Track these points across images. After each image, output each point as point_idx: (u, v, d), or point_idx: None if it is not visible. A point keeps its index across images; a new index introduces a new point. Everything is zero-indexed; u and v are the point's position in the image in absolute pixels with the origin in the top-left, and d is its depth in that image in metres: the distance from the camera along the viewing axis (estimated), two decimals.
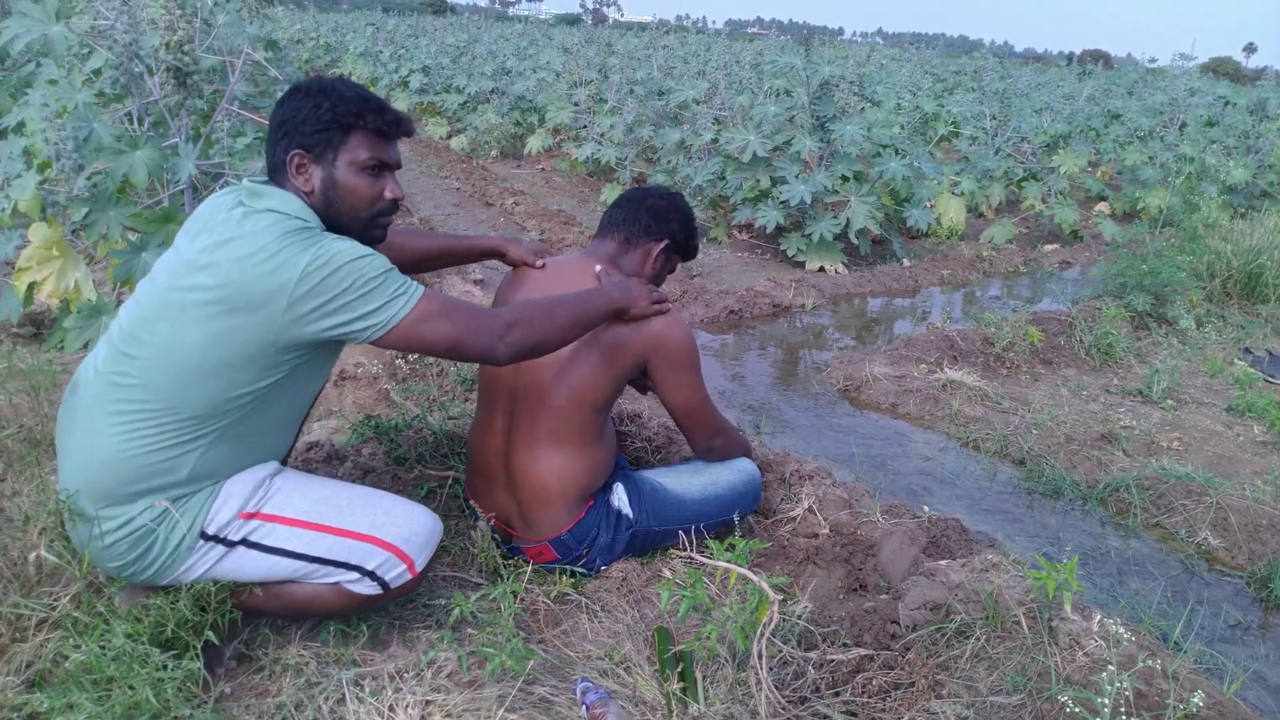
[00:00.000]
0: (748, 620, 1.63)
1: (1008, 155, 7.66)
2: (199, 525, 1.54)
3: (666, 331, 1.93)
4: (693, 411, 2.05)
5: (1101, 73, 16.70)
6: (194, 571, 1.57)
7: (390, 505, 1.66)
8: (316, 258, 1.44)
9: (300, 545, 1.58)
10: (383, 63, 14.32)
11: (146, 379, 1.48)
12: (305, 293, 1.43)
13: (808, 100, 5.56)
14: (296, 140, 1.55)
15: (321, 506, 1.61)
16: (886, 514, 2.35)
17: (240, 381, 1.49)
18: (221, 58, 3.18)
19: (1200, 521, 2.66)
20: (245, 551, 1.57)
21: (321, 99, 1.55)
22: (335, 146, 1.56)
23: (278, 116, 1.57)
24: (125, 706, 1.41)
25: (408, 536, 1.62)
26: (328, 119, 1.55)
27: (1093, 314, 4.47)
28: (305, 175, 1.57)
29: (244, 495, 1.57)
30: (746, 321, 4.64)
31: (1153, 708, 1.58)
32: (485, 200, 7.25)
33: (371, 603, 1.65)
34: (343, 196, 1.58)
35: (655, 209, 2.09)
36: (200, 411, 1.49)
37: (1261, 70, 27.25)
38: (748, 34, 39.44)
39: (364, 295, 1.47)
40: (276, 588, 1.63)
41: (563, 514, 1.96)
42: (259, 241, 1.45)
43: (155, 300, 1.50)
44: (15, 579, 1.64)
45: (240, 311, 1.44)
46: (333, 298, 1.45)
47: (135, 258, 2.81)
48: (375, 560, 1.60)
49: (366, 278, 1.47)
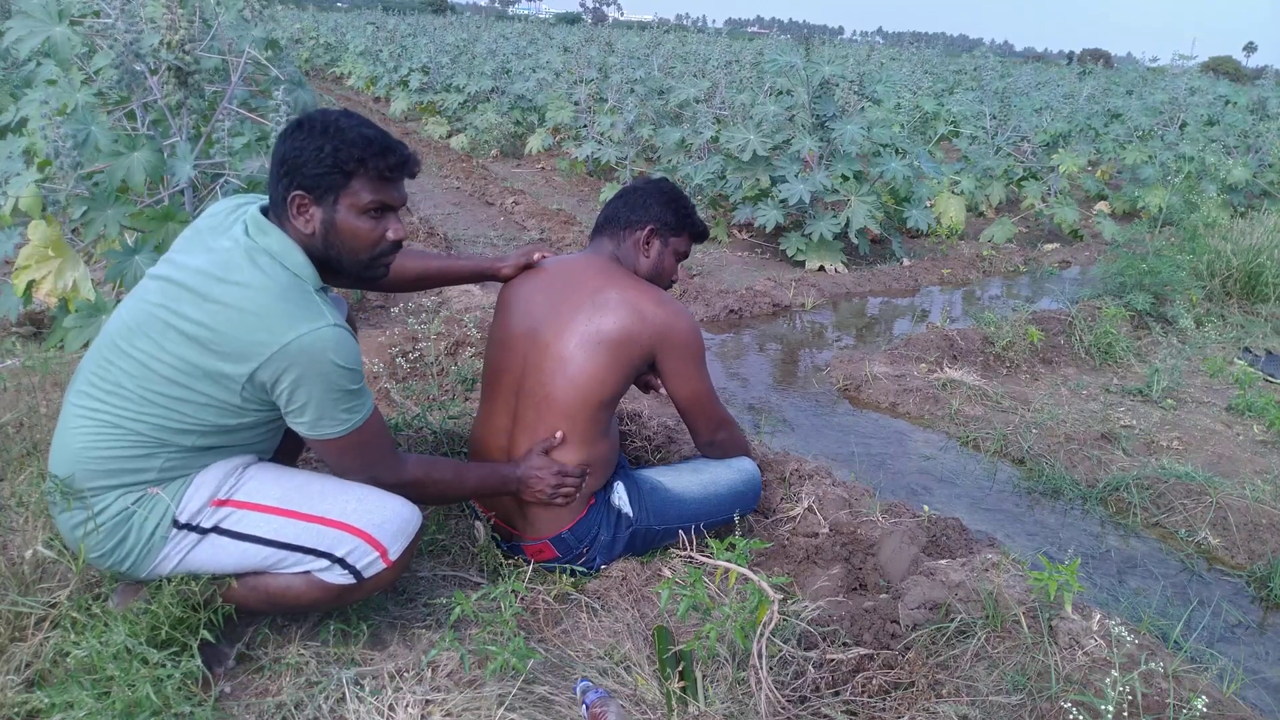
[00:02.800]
0: (747, 620, 1.63)
1: (1008, 154, 7.66)
2: (171, 513, 1.54)
3: (674, 322, 1.95)
4: (698, 402, 2.06)
5: (1101, 72, 16.70)
6: (169, 562, 1.57)
7: (364, 493, 1.62)
8: (303, 337, 1.45)
9: (269, 531, 1.56)
10: (382, 62, 14.30)
11: (120, 387, 1.50)
12: (279, 367, 1.46)
13: (808, 99, 5.56)
14: (298, 181, 1.52)
15: (293, 494, 1.60)
16: (886, 513, 2.35)
17: (207, 412, 1.52)
18: (222, 57, 3.18)
19: (1200, 521, 2.66)
20: (217, 539, 1.57)
21: (324, 140, 1.51)
22: (336, 190, 1.53)
23: (280, 152, 1.54)
24: (125, 704, 1.41)
25: (380, 523, 1.59)
26: (329, 163, 1.51)
27: (1092, 313, 4.46)
28: (306, 216, 1.55)
29: (216, 482, 1.57)
30: (746, 321, 4.64)
31: (1153, 708, 1.58)
32: (485, 199, 7.25)
33: (347, 595, 1.61)
34: (343, 239, 1.56)
35: (632, 199, 2.09)
36: (167, 426, 1.51)
37: (1261, 69, 27.24)
38: (748, 33, 39.44)
39: (321, 402, 1.50)
40: (251, 579, 1.61)
41: (564, 511, 1.96)
42: (253, 299, 1.46)
43: (143, 314, 1.51)
44: (14, 577, 1.64)
45: (215, 355, 1.46)
46: (297, 381, 1.47)
47: (128, 260, 2.82)
48: (345, 547, 1.56)
49: (337, 388, 1.49)
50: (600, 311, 1.91)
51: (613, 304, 1.91)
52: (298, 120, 1.57)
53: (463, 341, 3.39)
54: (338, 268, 1.60)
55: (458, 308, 3.88)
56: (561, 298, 1.96)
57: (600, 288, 1.94)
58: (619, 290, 1.94)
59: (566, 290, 1.97)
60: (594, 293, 1.93)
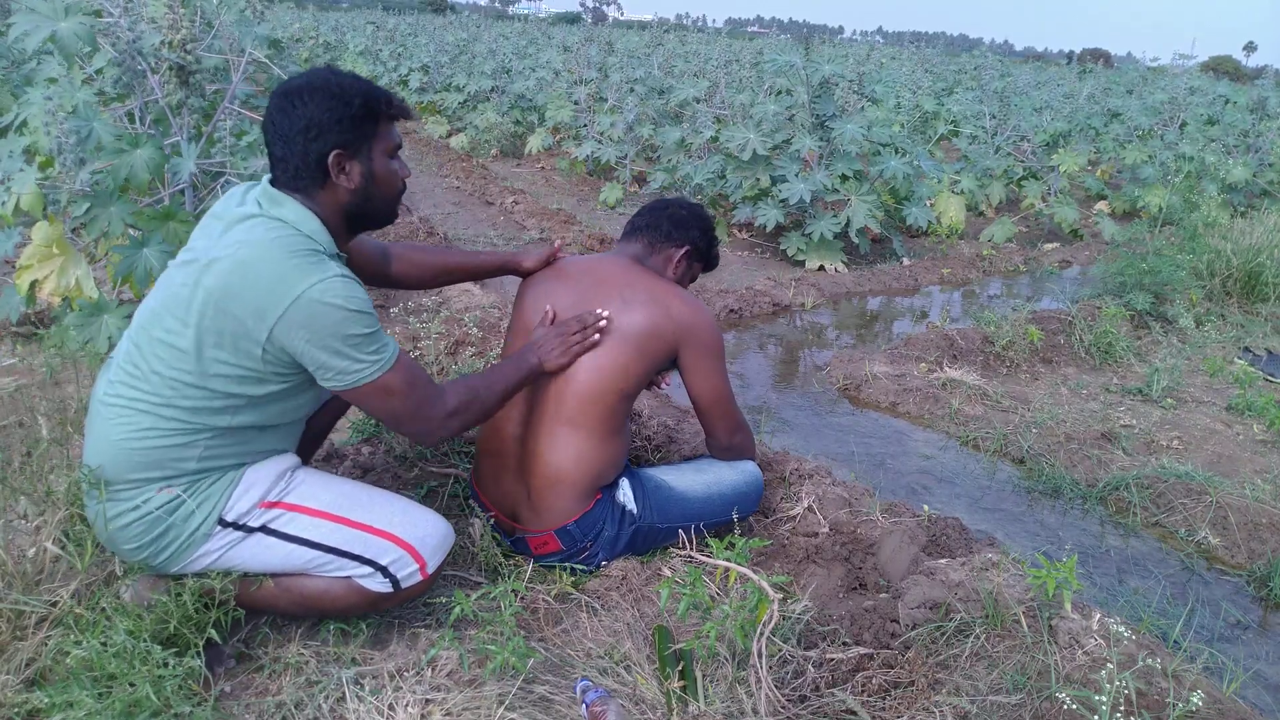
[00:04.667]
0: (747, 619, 1.63)
1: (1008, 154, 7.66)
2: (218, 512, 1.57)
3: (699, 320, 2.01)
4: (719, 403, 2.10)
5: (1101, 71, 16.69)
6: (207, 559, 1.59)
7: (407, 506, 1.72)
8: (313, 288, 1.46)
9: (319, 535, 1.61)
10: (382, 61, 14.31)
11: (152, 372, 1.52)
12: (294, 321, 1.46)
13: (808, 99, 5.56)
14: (332, 140, 1.55)
15: (342, 500, 1.66)
16: (886, 513, 2.35)
17: (234, 384, 1.53)
18: (224, 56, 3.18)
19: (1200, 520, 2.67)
20: (263, 538, 1.60)
21: (347, 95, 1.54)
22: (369, 138, 1.59)
23: (300, 121, 1.53)
24: (125, 704, 1.41)
25: (423, 537, 1.67)
26: (362, 113, 1.56)
27: (1092, 313, 4.46)
28: (348, 173, 1.58)
29: (266, 484, 1.61)
30: (746, 320, 4.64)
31: (1152, 707, 1.59)
32: (485, 199, 7.25)
33: (380, 602, 1.68)
34: (380, 187, 1.63)
35: (677, 217, 2.18)
36: (201, 407, 1.53)
37: (1261, 69, 27.24)
38: (747, 33, 39.43)
39: (339, 353, 1.49)
40: (287, 580, 1.65)
41: (572, 502, 1.97)
42: (266, 257, 1.48)
43: (167, 296, 1.55)
44: (18, 576, 1.64)
45: (234, 318, 1.48)
46: (315, 336, 1.47)
47: (137, 253, 2.81)
48: (390, 556, 1.63)
49: (352, 333, 1.49)
50: (629, 306, 1.97)
51: (641, 300, 1.98)
52: (297, 87, 1.55)
53: (463, 341, 3.39)
54: (373, 220, 1.67)
55: (458, 307, 3.88)
56: (591, 292, 2.01)
57: (630, 284, 2.01)
58: (647, 288, 2.01)
59: (595, 285, 2.03)
60: (623, 288, 2.00)
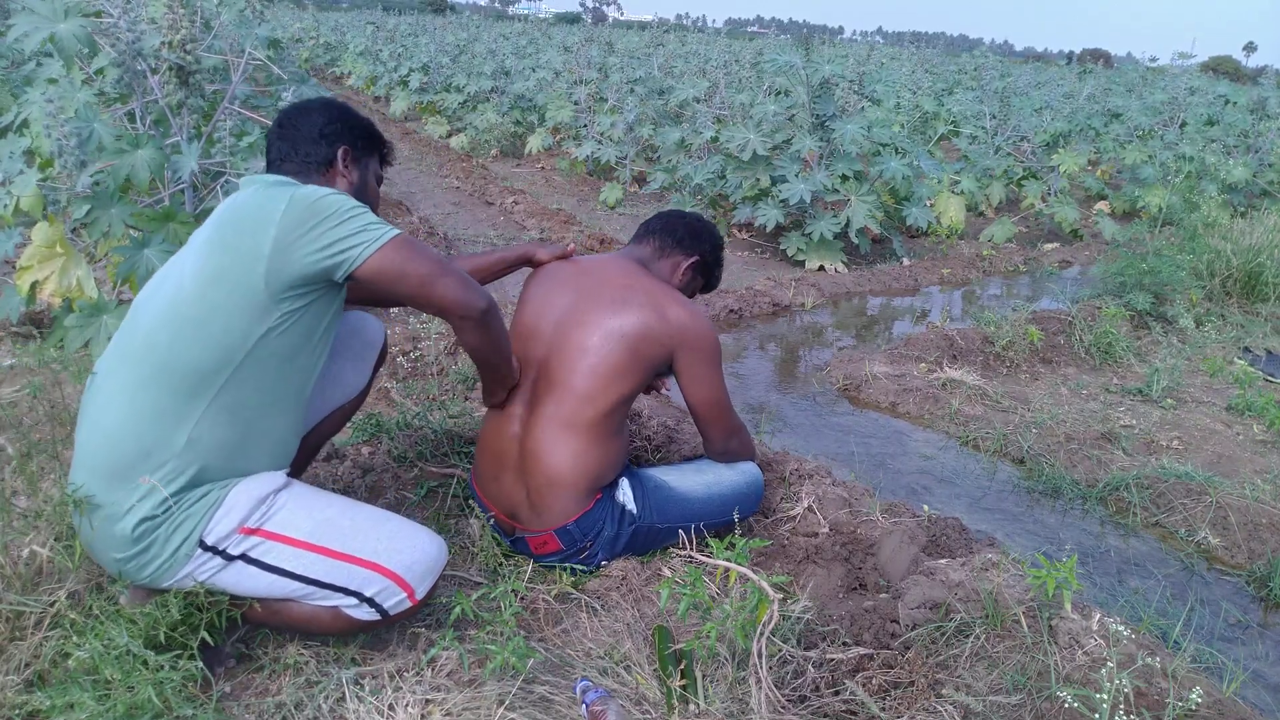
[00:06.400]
0: (747, 619, 1.63)
1: (1008, 154, 7.66)
2: (198, 533, 1.53)
3: (695, 325, 2.01)
4: (714, 409, 2.09)
5: (1101, 72, 16.69)
6: (192, 581, 1.57)
7: (395, 530, 1.65)
8: (299, 191, 1.55)
9: (300, 567, 1.57)
10: (382, 61, 14.31)
11: (148, 339, 1.53)
12: (291, 221, 1.51)
13: (808, 99, 5.56)
14: (347, 138, 1.78)
15: (325, 528, 1.59)
16: (886, 513, 2.35)
17: (234, 328, 1.50)
18: (223, 57, 3.18)
19: (1200, 520, 2.67)
20: (244, 567, 1.57)
21: (359, 119, 1.84)
22: (369, 155, 1.86)
23: (319, 120, 1.76)
24: (126, 706, 1.41)
25: (409, 564, 1.62)
26: (369, 135, 1.85)
27: (1092, 313, 4.46)
28: (348, 170, 1.79)
29: (247, 508, 1.56)
30: (746, 320, 4.64)
31: (1152, 706, 1.59)
32: (485, 199, 7.25)
33: (369, 628, 1.66)
34: (368, 197, 1.84)
35: (694, 228, 2.21)
36: (196, 367, 1.50)
37: (1261, 69, 27.22)
38: (747, 33, 39.42)
39: (345, 221, 1.55)
40: (275, 605, 1.63)
41: (572, 502, 1.97)
42: (252, 192, 1.60)
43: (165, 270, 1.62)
44: (16, 577, 1.64)
45: (231, 248, 1.52)
46: (317, 223, 1.52)
47: (138, 254, 2.81)
48: (374, 587, 1.60)
49: (348, 207, 1.57)
50: (625, 308, 1.97)
51: (637, 302, 1.98)
52: (314, 103, 1.81)
53: None
54: None
55: None
56: (589, 293, 2.01)
57: (628, 285, 2.01)
58: (645, 291, 2.01)
59: (594, 286, 2.03)
60: (620, 290, 2.00)
